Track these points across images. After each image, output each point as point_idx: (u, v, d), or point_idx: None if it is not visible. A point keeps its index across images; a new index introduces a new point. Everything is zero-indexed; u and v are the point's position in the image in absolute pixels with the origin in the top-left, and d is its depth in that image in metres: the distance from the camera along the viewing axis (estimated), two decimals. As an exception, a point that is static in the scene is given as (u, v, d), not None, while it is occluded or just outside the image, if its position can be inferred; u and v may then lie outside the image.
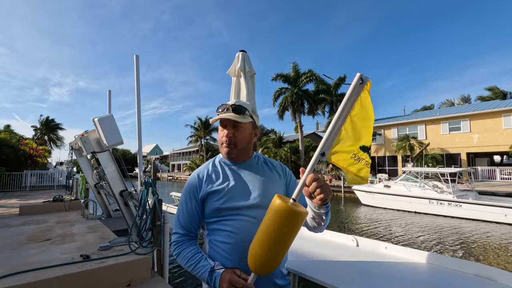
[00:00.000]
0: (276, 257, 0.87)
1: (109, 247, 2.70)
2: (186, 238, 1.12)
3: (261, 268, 0.88)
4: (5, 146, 13.28)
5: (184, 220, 1.12)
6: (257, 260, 0.87)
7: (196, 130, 41.47)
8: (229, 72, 2.98)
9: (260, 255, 0.86)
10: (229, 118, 1.07)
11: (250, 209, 1.07)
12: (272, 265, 0.88)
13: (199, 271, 1.01)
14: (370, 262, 1.81)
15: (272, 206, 0.86)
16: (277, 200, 0.85)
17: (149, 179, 2.52)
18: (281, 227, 0.83)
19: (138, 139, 3.40)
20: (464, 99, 36.73)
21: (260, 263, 0.87)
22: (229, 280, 0.92)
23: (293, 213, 0.82)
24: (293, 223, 0.83)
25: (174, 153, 59.31)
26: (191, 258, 1.05)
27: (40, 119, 41.15)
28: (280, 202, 0.83)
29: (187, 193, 1.14)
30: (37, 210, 5.49)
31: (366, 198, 13.49)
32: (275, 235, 0.84)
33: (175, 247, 1.11)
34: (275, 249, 0.86)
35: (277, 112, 25.91)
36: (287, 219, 0.82)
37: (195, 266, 1.03)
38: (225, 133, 1.11)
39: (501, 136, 17.99)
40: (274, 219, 0.84)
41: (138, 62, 3.51)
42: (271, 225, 0.84)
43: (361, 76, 0.83)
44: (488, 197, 11.23)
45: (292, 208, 0.82)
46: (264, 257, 0.86)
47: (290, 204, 0.83)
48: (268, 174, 1.18)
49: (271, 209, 0.86)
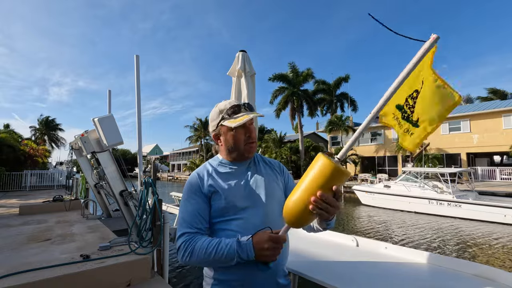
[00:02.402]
0: (310, 213, 0.87)
1: (109, 247, 2.70)
2: (195, 235, 1.02)
3: (296, 219, 0.88)
4: (5, 146, 13.28)
5: (190, 219, 1.04)
6: (294, 210, 0.88)
7: (196, 130, 41.55)
8: (229, 73, 2.99)
9: (298, 206, 0.87)
10: (260, 115, 1.12)
11: (253, 208, 1.07)
12: (306, 219, 0.89)
13: (223, 251, 0.92)
14: (370, 262, 1.81)
15: (317, 163, 0.87)
16: (323, 157, 0.86)
17: (149, 179, 2.52)
18: (325, 182, 0.84)
19: (138, 139, 3.40)
20: (466, 99, 36.64)
21: (297, 215, 0.88)
22: (269, 238, 0.90)
23: (338, 170, 0.83)
24: (335, 181, 0.84)
25: (174, 153, 59.33)
26: (209, 246, 0.94)
27: (40, 119, 41.14)
28: (327, 159, 0.85)
29: (189, 192, 1.09)
30: (37, 210, 5.49)
31: (366, 198, 13.49)
32: (317, 188, 0.84)
33: (185, 247, 0.97)
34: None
35: (274, 111, 25.99)
36: (331, 174, 0.83)
37: (217, 249, 0.93)
38: (250, 133, 1.11)
39: (501, 136, 17.99)
40: (319, 174, 0.85)
41: (138, 62, 3.51)
42: (315, 179, 0.85)
43: (437, 38, 0.82)
44: (488, 197, 11.23)
45: (337, 166, 0.83)
46: (302, 209, 0.87)
47: (335, 162, 0.85)
48: (268, 173, 1.19)
49: (315, 165, 0.87)
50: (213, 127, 1.16)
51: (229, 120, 1.08)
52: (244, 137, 1.10)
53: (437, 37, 0.80)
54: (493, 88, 29.33)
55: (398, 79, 0.85)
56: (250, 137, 1.11)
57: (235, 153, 1.13)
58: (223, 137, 1.13)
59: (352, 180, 21.14)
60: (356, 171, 24.11)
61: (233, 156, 1.15)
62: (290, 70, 25.30)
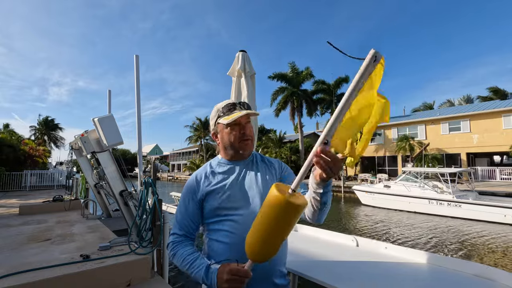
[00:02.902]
0: (274, 246, 0.86)
1: (109, 247, 2.70)
2: (183, 238, 1.12)
3: (258, 255, 0.87)
4: (5, 146, 13.28)
5: (182, 221, 1.13)
6: (254, 247, 0.86)
7: (195, 130, 41.58)
8: (229, 73, 2.99)
9: (257, 243, 0.85)
10: (255, 113, 1.14)
11: (247, 208, 1.07)
12: (270, 253, 0.87)
13: (194, 270, 0.99)
14: (370, 262, 1.81)
15: (269, 197, 0.84)
16: (274, 190, 0.82)
17: (149, 179, 2.52)
18: (278, 218, 0.81)
19: (138, 139, 3.40)
20: (466, 99, 36.52)
21: (256, 251, 0.86)
22: (229, 270, 0.90)
23: (289, 205, 0.79)
24: (290, 215, 0.81)
25: (174, 153, 59.33)
26: (186, 258, 1.04)
27: (39, 119, 41.13)
28: (277, 193, 0.81)
29: (185, 195, 1.16)
30: (37, 210, 5.49)
31: (366, 198, 13.49)
32: (272, 225, 0.82)
33: (172, 247, 1.11)
34: (272, 239, 0.85)
35: (274, 111, 26.02)
36: (283, 211, 0.80)
37: (191, 265, 1.01)
38: (243, 130, 1.12)
39: (501, 136, 17.99)
40: (270, 210, 0.82)
41: (138, 62, 3.51)
42: (268, 215, 0.83)
43: (376, 53, 0.72)
44: (488, 197, 11.23)
45: (289, 201, 0.79)
46: (261, 245, 0.85)
47: (287, 195, 0.80)
48: (266, 172, 1.19)
49: (268, 200, 0.84)
50: (212, 125, 1.20)
51: (224, 117, 1.12)
52: (239, 134, 1.12)
53: (374, 52, 0.71)
54: (495, 87, 29.22)
55: (342, 101, 0.77)
56: (245, 134, 1.12)
57: (231, 150, 1.16)
58: (220, 134, 1.17)
59: (352, 180, 21.15)
60: (356, 171, 24.12)
61: (230, 154, 1.17)
62: (290, 70, 25.34)
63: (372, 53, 0.71)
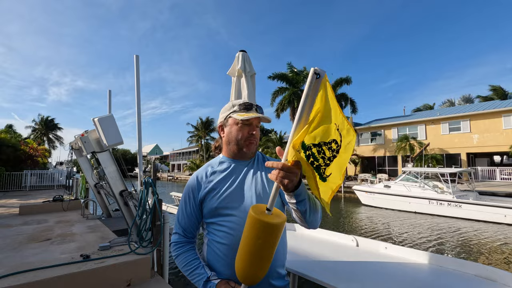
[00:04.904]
0: (260, 267, 0.85)
1: (109, 247, 2.70)
2: (185, 240, 1.15)
3: (247, 279, 0.87)
4: (5, 146, 13.28)
5: (183, 222, 1.15)
6: (241, 271, 0.87)
7: (196, 130, 41.63)
8: (229, 73, 2.98)
9: (243, 266, 0.85)
10: (268, 119, 1.13)
11: (247, 208, 1.06)
12: (257, 275, 0.86)
13: (195, 278, 1.04)
14: (370, 262, 1.81)
15: (247, 219, 0.83)
16: (251, 212, 0.81)
17: (149, 179, 2.52)
18: (256, 240, 0.81)
19: (138, 139, 3.40)
20: (466, 99, 36.44)
21: (245, 274, 0.86)
22: None
23: (264, 225, 0.78)
24: (267, 235, 0.80)
25: (174, 153, 59.31)
26: (188, 263, 1.08)
27: (37, 119, 41.10)
28: (253, 215, 0.80)
29: (186, 195, 1.17)
30: (37, 210, 5.50)
31: (366, 198, 13.48)
32: (253, 247, 0.82)
33: (175, 248, 1.14)
34: (256, 261, 0.84)
35: (274, 111, 25.99)
36: (259, 231, 0.79)
37: (192, 272, 1.06)
38: (253, 131, 1.13)
39: (501, 136, 17.98)
40: (249, 232, 0.82)
41: (138, 62, 3.50)
42: (248, 237, 0.82)
43: (316, 70, 0.74)
44: (488, 197, 11.23)
45: (262, 220, 0.78)
46: (247, 269, 0.85)
47: (261, 216, 0.79)
48: (267, 172, 1.17)
49: (247, 222, 0.83)
50: (222, 118, 1.19)
51: (239, 113, 1.12)
52: (247, 133, 1.13)
53: (314, 69, 0.73)
54: (495, 86, 29.13)
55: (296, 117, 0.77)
56: (253, 134, 1.13)
57: (235, 146, 1.15)
58: (228, 128, 1.16)
59: (352, 180, 21.14)
60: (356, 171, 24.11)
61: (232, 150, 1.16)
62: (289, 70, 25.34)
63: (313, 71, 0.74)
